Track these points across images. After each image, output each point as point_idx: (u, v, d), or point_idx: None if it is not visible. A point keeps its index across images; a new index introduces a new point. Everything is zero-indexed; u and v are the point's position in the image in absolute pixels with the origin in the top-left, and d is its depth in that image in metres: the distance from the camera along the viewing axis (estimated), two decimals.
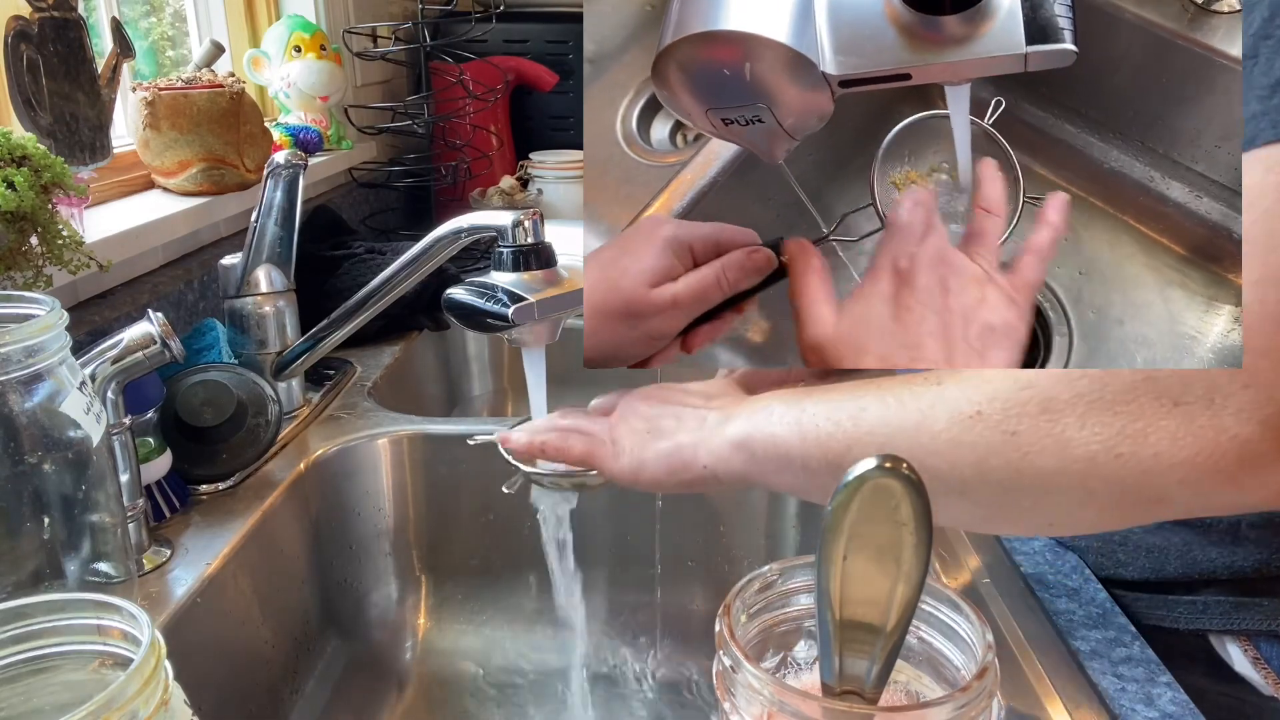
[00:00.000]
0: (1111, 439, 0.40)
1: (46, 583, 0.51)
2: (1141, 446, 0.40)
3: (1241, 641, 0.61)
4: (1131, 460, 0.40)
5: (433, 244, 0.74)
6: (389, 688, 0.84)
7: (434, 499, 0.88)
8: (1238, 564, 0.60)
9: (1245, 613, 0.60)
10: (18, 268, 0.67)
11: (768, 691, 0.35)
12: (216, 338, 0.84)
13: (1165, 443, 0.39)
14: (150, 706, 0.33)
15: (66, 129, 0.85)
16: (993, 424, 0.42)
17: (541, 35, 1.72)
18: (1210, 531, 0.61)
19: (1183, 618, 0.62)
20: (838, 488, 0.34)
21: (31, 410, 0.49)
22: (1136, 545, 0.64)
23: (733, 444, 0.50)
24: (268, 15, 1.43)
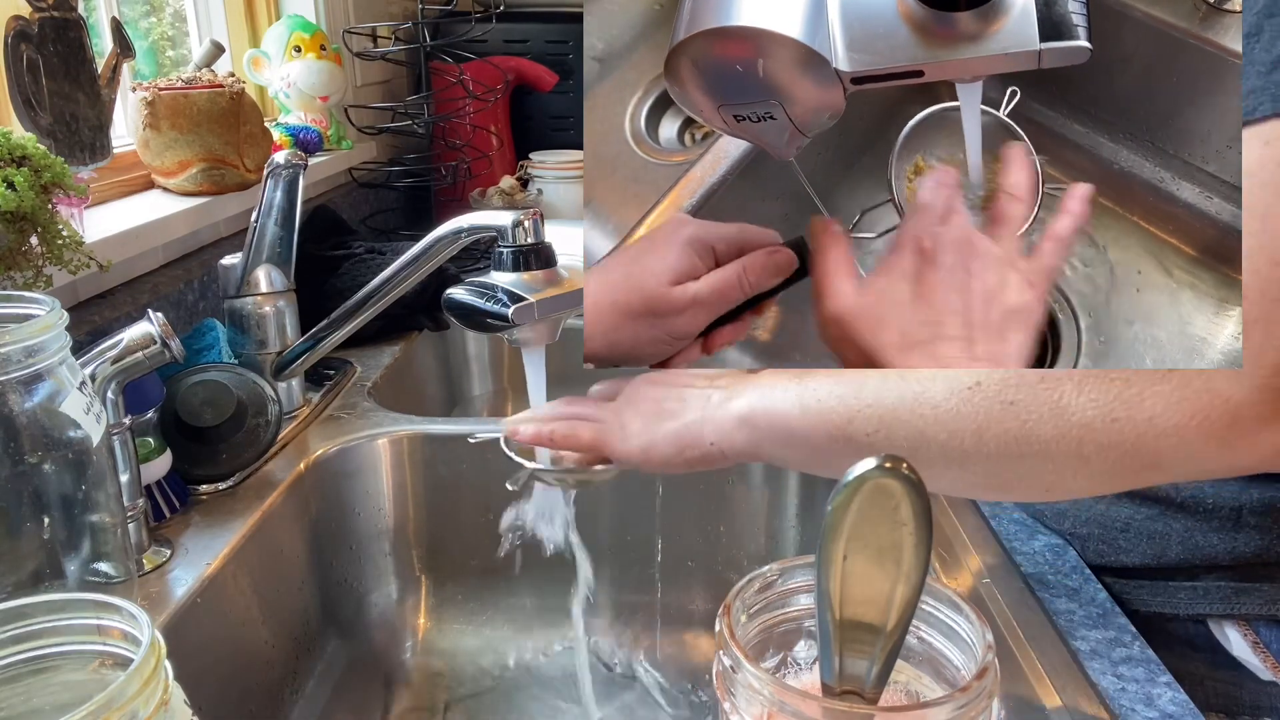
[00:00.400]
0: (1108, 404, 0.41)
1: (46, 583, 0.51)
2: (1137, 411, 0.41)
3: (1240, 626, 0.61)
4: (1127, 425, 0.41)
5: (433, 244, 0.74)
6: (389, 688, 0.84)
7: (434, 499, 0.88)
8: (1239, 549, 0.60)
9: (1245, 598, 0.61)
10: (18, 268, 0.67)
11: (768, 691, 0.35)
12: (216, 338, 0.84)
13: (1160, 407, 0.40)
14: (150, 706, 0.33)
15: (66, 129, 0.85)
16: (991, 394, 0.44)
17: (541, 35, 1.72)
18: (1211, 518, 0.61)
19: (1183, 603, 0.62)
20: (837, 487, 0.34)
21: (31, 410, 0.49)
22: (1138, 532, 0.64)
23: (737, 419, 0.51)
24: (268, 15, 1.43)
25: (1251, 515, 0.60)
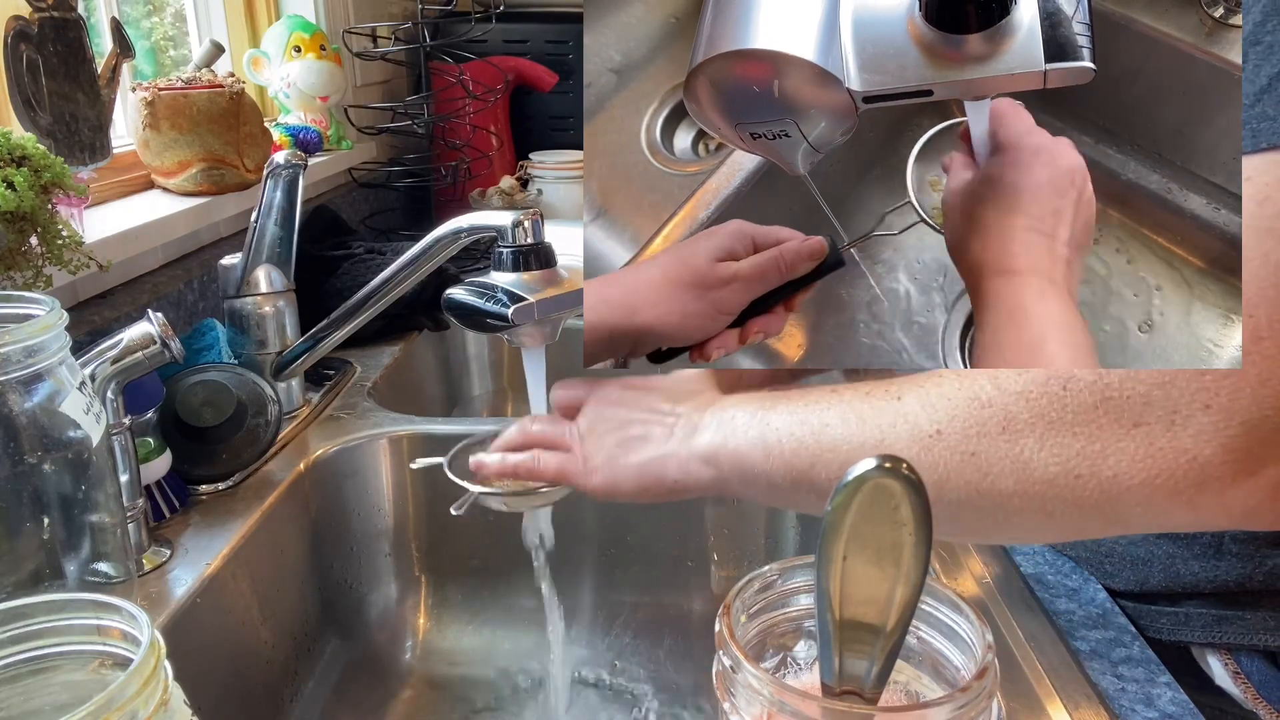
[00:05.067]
0: (1071, 460, 0.40)
1: (46, 583, 0.51)
2: (1100, 468, 0.40)
3: (1222, 655, 0.61)
4: (1090, 481, 0.40)
5: (433, 244, 0.74)
6: (389, 688, 0.84)
7: (434, 499, 0.88)
8: (1220, 576, 0.60)
9: (1226, 626, 0.61)
10: (18, 268, 0.67)
11: (768, 691, 0.35)
12: (216, 338, 0.84)
13: (1124, 464, 0.39)
14: (150, 706, 0.33)
15: (66, 129, 0.85)
16: (953, 444, 0.43)
17: (541, 35, 1.72)
18: (1194, 544, 0.61)
19: (1165, 628, 0.62)
20: (837, 487, 0.34)
21: (31, 410, 0.49)
22: (1121, 557, 0.64)
23: (700, 459, 0.51)
24: (268, 15, 1.43)
25: (1233, 543, 0.60)
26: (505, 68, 1.63)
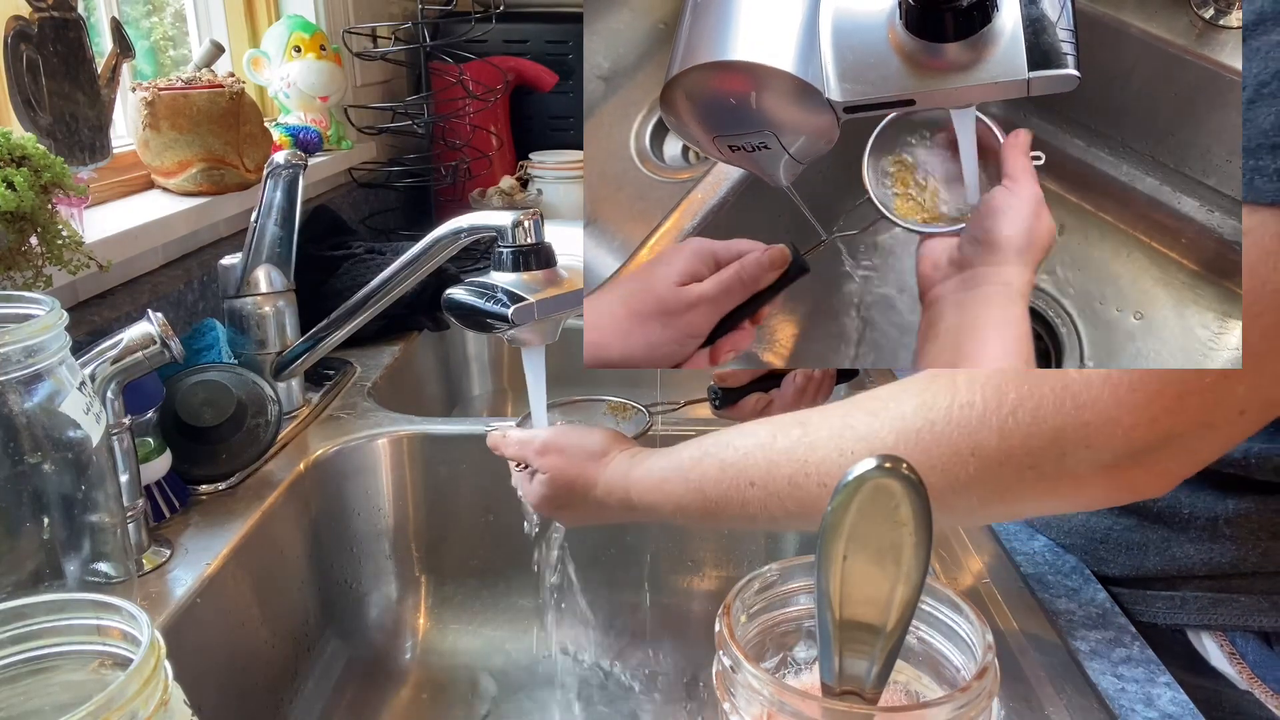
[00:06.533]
0: (986, 517, 0.48)
1: (46, 583, 0.51)
2: (1016, 513, 0.48)
3: (1218, 637, 0.62)
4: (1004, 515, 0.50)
5: (433, 244, 0.74)
6: (389, 688, 0.84)
7: (434, 499, 0.88)
8: (1215, 560, 0.61)
9: (1221, 609, 0.61)
10: (18, 268, 0.67)
11: (767, 691, 0.35)
12: (216, 338, 0.84)
13: (1031, 507, 0.48)
14: (150, 706, 0.33)
15: (66, 129, 0.85)
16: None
17: (541, 35, 1.72)
18: (1188, 528, 0.61)
19: (1161, 613, 0.63)
20: (837, 488, 0.34)
21: (31, 410, 0.49)
22: (1117, 542, 0.65)
23: (621, 509, 0.61)
24: (268, 15, 1.43)
25: (1227, 526, 0.60)
26: (505, 68, 1.63)
